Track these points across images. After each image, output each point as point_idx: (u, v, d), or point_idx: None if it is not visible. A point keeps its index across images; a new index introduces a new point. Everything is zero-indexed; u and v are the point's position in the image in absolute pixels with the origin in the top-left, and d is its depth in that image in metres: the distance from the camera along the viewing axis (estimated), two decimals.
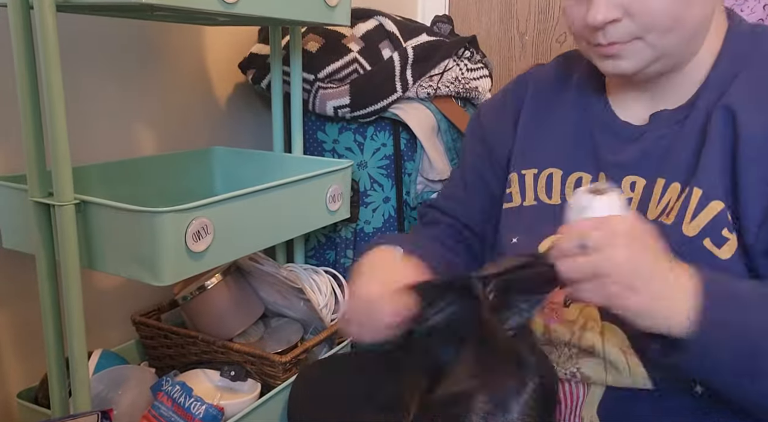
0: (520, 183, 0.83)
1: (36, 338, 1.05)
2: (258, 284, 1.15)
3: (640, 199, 0.74)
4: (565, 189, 0.80)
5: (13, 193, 0.85)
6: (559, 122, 0.82)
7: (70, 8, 0.87)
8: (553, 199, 0.80)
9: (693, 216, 0.66)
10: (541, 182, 0.81)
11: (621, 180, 0.75)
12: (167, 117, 1.26)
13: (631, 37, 0.69)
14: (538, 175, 0.82)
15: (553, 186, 0.80)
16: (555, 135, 0.82)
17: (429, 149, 1.26)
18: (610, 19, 0.68)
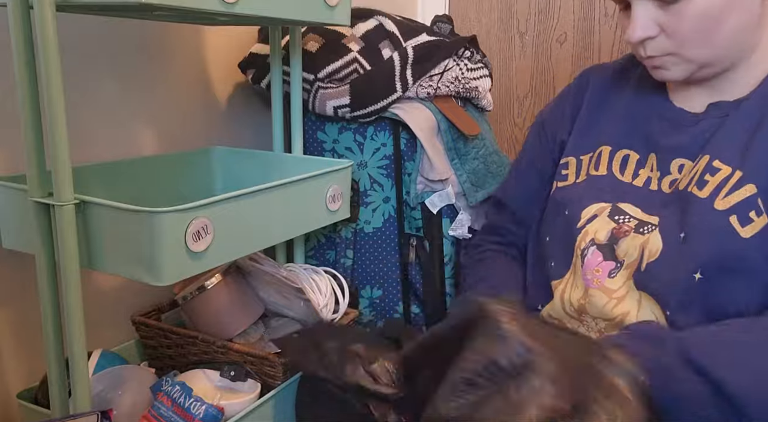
0: (578, 166, 0.87)
1: (36, 338, 1.05)
2: (258, 284, 1.15)
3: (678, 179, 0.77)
4: (612, 162, 0.83)
5: (13, 192, 0.85)
6: (617, 108, 0.86)
7: (70, 8, 0.87)
8: (599, 171, 0.84)
9: (727, 193, 0.70)
10: (593, 160, 0.86)
11: (670, 162, 0.78)
12: (167, 117, 1.26)
13: (665, 52, 0.74)
14: (593, 156, 0.86)
15: (602, 160, 0.84)
16: (611, 119, 0.86)
17: (429, 149, 1.26)
18: (646, 37, 0.73)
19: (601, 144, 0.86)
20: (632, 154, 0.82)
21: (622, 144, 0.84)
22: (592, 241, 0.80)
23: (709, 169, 0.73)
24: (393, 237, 1.31)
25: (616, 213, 0.80)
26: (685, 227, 0.73)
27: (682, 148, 0.78)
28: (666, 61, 0.75)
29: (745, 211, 0.69)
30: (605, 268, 0.78)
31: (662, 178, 0.79)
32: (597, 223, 0.80)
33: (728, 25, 0.70)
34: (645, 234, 0.76)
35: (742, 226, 0.68)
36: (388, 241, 1.31)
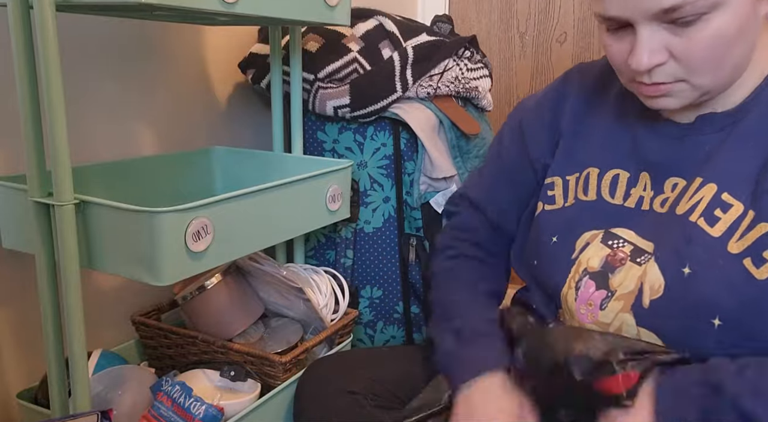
0: (564, 187, 0.84)
1: (36, 338, 1.05)
2: (258, 284, 1.15)
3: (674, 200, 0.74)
4: (601, 186, 0.80)
5: (13, 192, 0.85)
6: (602, 122, 0.83)
7: (70, 8, 0.87)
8: (589, 196, 0.81)
9: (741, 235, 0.67)
10: (580, 183, 0.82)
11: (664, 181, 0.75)
12: (167, 117, 1.26)
13: (675, 78, 0.69)
14: (579, 177, 0.83)
15: (590, 184, 0.81)
16: (597, 135, 0.82)
17: (430, 148, 1.26)
18: (655, 64, 0.67)
19: (587, 165, 0.82)
20: (622, 173, 0.79)
21: (610, 164, 0.80)
22: (585, 271, 0.77)
23: (719, 204, 0.69)
24: (393, 237, 1.31)
25: (609, 239, 0.77)
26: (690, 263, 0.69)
27: (675, 165, 0.74)
28: (673, 88, 0.69)
29: (759, 252, 0.65)
30: (597, 300, 0.76)
31: (655, 198, 0.76)
32: (590, 251, 0.77)
33: (738, 47, 0.67)
34: (642, 264, 0.73)
35: (758, 268, 0.65)
36: (388, 241, 1.31)
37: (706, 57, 0.66)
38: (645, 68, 0.67)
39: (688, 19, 0.64)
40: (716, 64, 0.67)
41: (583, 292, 0.77)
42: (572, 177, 0.83)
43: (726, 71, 0.68)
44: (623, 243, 0.76)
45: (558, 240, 0.81)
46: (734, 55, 0.67)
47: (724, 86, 0.71)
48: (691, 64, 0.67)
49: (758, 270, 0.65)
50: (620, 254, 0.75)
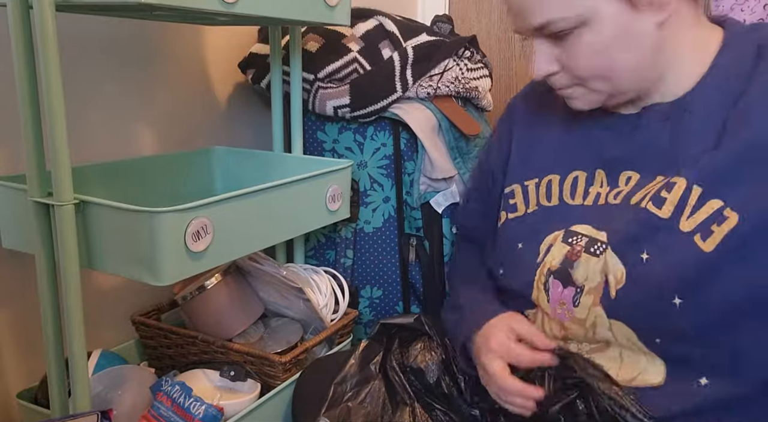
0: (524, 193, 0.85)
1: (35, 338, 1.05)
2: (258, 284, 1.15)
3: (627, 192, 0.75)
4: (563, 190, 0.81)
5: (13, 192, 0.85)
6: (555, 126, 0.84)
7: (70, 8, 0.87)
8: (552, 201, 0.82)
9: (691, 213, 0.68)
10: (542, 189, 0.83)
11: (618, 175, 0.76)
12: (167, 117, 1.26)
13: (571, 83, 0.73)
14: (539, 183, 0.84)
15: (552, 190, 0.82)
16: (549, 142, 0.84)
17: (430, 148, 1.26)
18: (549, 73, 0.73)
19: (547, 172, 0.83)
20: (580, 174, 0.80)
21: (569, 167, 0.82)
22: (549, 271, 0.78)
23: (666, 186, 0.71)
24: (393, 237, 1.31)
25: (569, 237, 0.78)
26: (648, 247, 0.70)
27: (627, 159, 0.76)
28: (573, 92, 0.75)
29: (707, 226, 0.67)
30: (568, 297, 0.76)
31: (610, 192, 0.77)
32: (553, 251, 0.78)
33: (622, 60, 0.69)
34: (599, 255, 0.74)
35: (704, 241, 0.67)
36: (388, 241, 1.31)
37: (587, 67, 0.70)
38: (540, 77, 0.74)
39: (560, 34, 0.68)
40: (601, 73, 0.70)
41: (553, 293, 0.78)
42: (531, 182, 0.84)
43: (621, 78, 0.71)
44: (581, 237, 0.77)
45: (523, 246, 0.82)
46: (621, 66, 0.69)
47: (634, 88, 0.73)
48: (576, 73, 0.72)
49: (704, 243, 0.66)
50: (576, 248, 0.76)
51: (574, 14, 0.66)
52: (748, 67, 0.69)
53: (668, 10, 0.67)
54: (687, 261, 0.66)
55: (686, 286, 0.67)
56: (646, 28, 0.68)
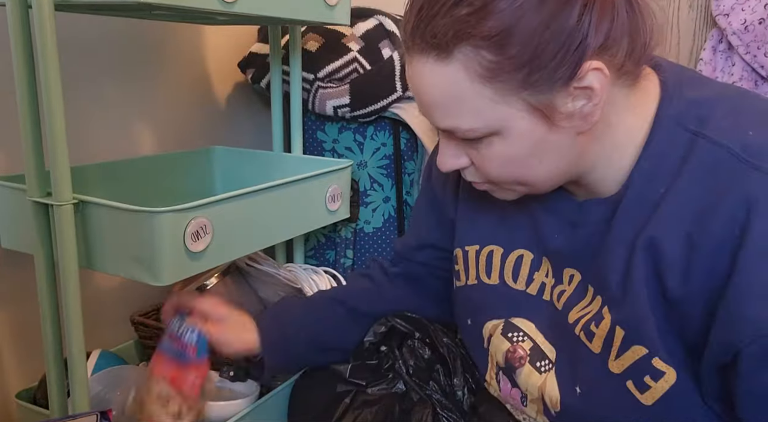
0: (464, 260, 0.79)
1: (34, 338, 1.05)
2: (257, 284, 1.14)
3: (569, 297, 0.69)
4: (504, 268, 0.75)
5: (12, 192, 0.85)
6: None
7: (69, 7, 0.87)
8: (491, 279, 0.76)
9: (617, 354, 0.62)
10: (482, 259, 0.77)
11: (562, 270, 0.70)
12: (166, 116, 1.26)
13: (483, 180, 0.66)
14: (480, 251, 0.77)
15: (493, 264, 0.76)
16: (496, 207, 0.76)
17: (431, 148, 1.25)
18: (455, 169, 0.65)
19: (489, 242, 0.76)
20: (526, 254, 0.73)
21: (514, 243, 0.74)
22: (498, 366, 0.74)
23: (595, 317, 0.64)
24: (393, 238, 1.31)
25: (509, 330, 0.73)
26: (580, 382, 0.65)
27: (570, 256, 0.68)
28: (489, 187, 0.67)
29: (639, 376, 0.60)
30: (516, 397, 0.73)
31: (555, 287, 0.71)
32: (494, 342, 0.74)
33: (537, 169, 0.61)
34: (542, 372, 0.69)
35: (641, 393, 0.60)
36: (388, 241, 1.31)
37: (500, 172, 0.62)
38: (444, 170, 0.65)
39: (470, 138, 0.60)
40: (515, 179, 0.63)
41: (503, 387, 0.75)
42: (471, 249, 0.78)
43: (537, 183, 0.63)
44: (523, 336, 0.72)
45: (471, 324, 0.78)
46: (537, 173, 0.61)
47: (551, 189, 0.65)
48: (489, 175, 0.63)
49: (642, 395, 0.60)
50: (519, 351, 0.72)
51: (482, 126, 0.58)
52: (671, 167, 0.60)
53: (592, 121, 0.58)
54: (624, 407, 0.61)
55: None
56: (563, 139, 0.59)
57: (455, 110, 0.58)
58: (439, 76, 0.57)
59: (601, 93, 0.56)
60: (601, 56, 0.56)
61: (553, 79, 0.55)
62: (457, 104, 0.58)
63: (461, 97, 0.57)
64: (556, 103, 0.57)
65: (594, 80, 0.55)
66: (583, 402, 0.65)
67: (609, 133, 0.62)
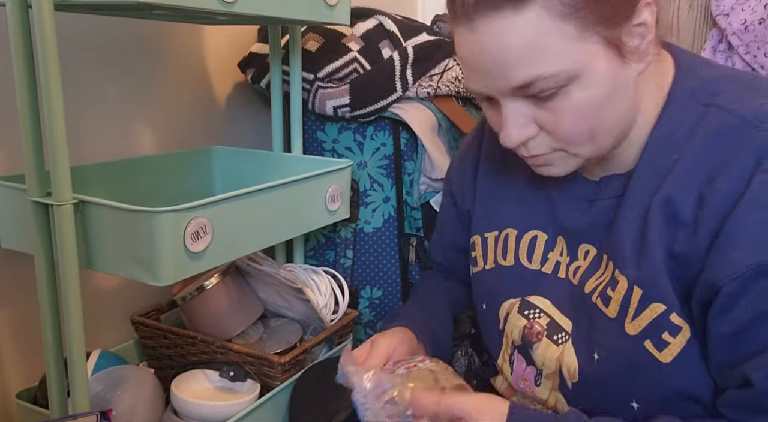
0: (483, 246, 0.81)
1: (34, 338, 1.05)
2: (257, 284, 1.15)
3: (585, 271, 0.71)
4: (519, 249, 0.77)
5: (12, 192, 0.85)
6: (517, 180, 0.78)
7: (69, 7, 0.87)
8: (507, 260, 0.77)
9: (634, 315, 0.63)
10: (499, 244, 0.79)
11: (577, 247, 0.72)
12: (166, 116, 1.26)
13: (551, 149, 0.65)
14: (498, 236, 0.79)
15: (508, 246, 0.77)
16: (512, 192, 0.78)
17: (430, 148, 1.25)
18: (524, 140, 0.64)
19: (506, 225, 0.78)
20: (540, 234, 0.75)
21: (528, 225, 0.76)
22: (513, 345, 0.75)
23: (611, 282, 0.66)
24: (393, 237, 1.31)
25: (525, 308, 0.74)
26: (598, 348, 0.67)
27: (586, 231, 0.70)
28: (552, 158, 0.66)
29: (657, 334, 0.62)
30: (530, 376, 0.74)
31: (570, 264, 0.72)
32: (511, 321, 0.75)
33: (610, 115, 0.62)
34: (559, 345, 0.71)
35: (659, 351, 0.62)
36: (388, 241, 1.31)
37: (575, 128, 0.61)
38: (514, 144, 0.64)
39: (546, 93, 0.59)
40: (588, 133, 0.62)
41: (517, 367, 0.76)
42: (491, 234, 0.80)
43: (603, 137, 0.63)
44: (539, 313, 0.73)
45: (486, 308, 0.80)
46: (607, 121, 0.62)
47: (606, 149, 0.66)
48: (562, 136, 0.62)
49: (660, 353, 0.62)
50: (537, 327, 0.73)
51: (566, 67, 0.58)
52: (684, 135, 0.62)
53: (647, 60, 0.62)
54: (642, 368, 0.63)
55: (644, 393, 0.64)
56: (629, 79, 0.62)
57: (538, 57, 0.58)
58: (519, 26, 0.56)
59: (653, 29, 0.60)
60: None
61: (620, 13, 0.58)
62: (540, 50, 0.57)
63: (545, 41, 0.57)
64: (623, 38, 0.60)
65: (648, 15, 0.59)
66: (602, 368, 0.66)
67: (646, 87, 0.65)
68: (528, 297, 0.75)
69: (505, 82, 0.60)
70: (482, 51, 0.59)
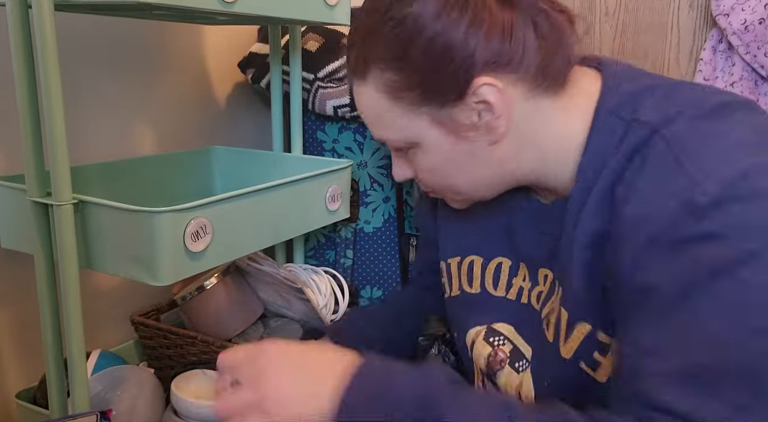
0: (447, 272, 0.81)
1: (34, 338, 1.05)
2: (257, 284, 1.15)
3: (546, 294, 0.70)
4: (485, 276, 0.77)
5: (12, 192, 0.85)
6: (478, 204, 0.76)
7: (69, 7, 0.87)
8: (473, 288, 0.78)
9: (566, 337, 0.63)
10: (463, 270, 0.79)
11: (537, 271, 0.72)
12: (166, 116, 1.26)
13: (431, 189, 0.71)
14: (461, 262, 0.80)
15: (474, 274, 0.78)
16: (474, 218, 0.78)
17: None
18: (405, 179, 0.70)
19: (469, 252, 0.78)
20: (504, 261, 0.75)
21: (492, 252, 0.76)
22: (481, 371, 0.75)
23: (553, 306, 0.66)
24: (393, 237, 1.31)
25: (490, 335, 0.74)
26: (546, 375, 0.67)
27: (543, 257, 0.70)
28: (438, 194, 0.72)
29: (589, 354, 0.61)
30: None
31: (532, 289, 0.72)
32: (477, 348, 0.75)
33: (460, 178, 0.66)
34: (519, 372, 0.71)
35: (594, 371, 0.62)
36: (388, 241, 1.31)
37: (432, 181, 0.68)
38: (397, 180, 0.71)
39: (402, 150, 0.67)
40: (443, 186, 0.68)
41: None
42: (453, 260, 0.80)
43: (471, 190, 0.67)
44: (503, 340, 0.73)
45: (457, 336, 0.80)
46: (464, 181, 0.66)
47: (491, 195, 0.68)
48: (424, 184, 0.70)
49: (596, 373, 0.62)
50: (500, 354, 0.73)
51: (401, 137, 0.64)
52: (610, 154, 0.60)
53: (499, 132, 0.61)
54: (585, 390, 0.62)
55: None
56: (476, 149, 0.63)
57: (379, 124, 0.65)
58: (364, 95, 0.64)
59: (500, 106, 0.59)
60: (496, 72, 0.59)
61: (447, 94, 0.60)
62: (379, 119, 0.65)
63: (379, 113, 0.64)
64: (457, 117, 0.61)
65: (488, 94, 0.59)
66: (552, 393, 0.66)
67: (539, 138, 0.64)
68: (493, 325, 0.75)
69: (371, 133, 0.68)
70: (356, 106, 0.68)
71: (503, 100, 0.59)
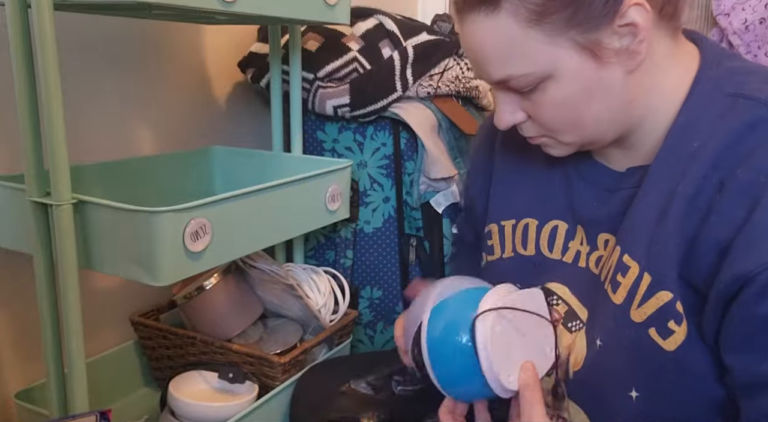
0: (500, 234, 0.81)
1: (34, 338, 1.05)
2: (257, 284, 1.14)
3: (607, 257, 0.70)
4: (540, 239, 0.77)
5: (11, 192, 0.85)
6: (535, 166, 0.79)
7: (68, 7, 0.87)
8: (528, 250, 0.78)
9: (640, 302, 0.63)
10: (518, 233, 0.79)
11: (596, 236, 0.72)
12: (165, 116, 1.26)
13: (539, 134, 0.69)
14: (516, 225, 0.79)
15: (529, 236, 0.78)
16: (531, 181, 0.79)
17: (430, 148, 1.25)
18: (513, 124, 0.68)
19: (525, 215, 0.78)
20: (561, 224, 0.75)
21: (548, 215, 0.76)
22: None
23: (621, 267, 0.65)
24: (393, 238, 1.31)
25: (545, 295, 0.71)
26: (600, 334, 0.66)
27: (605, 221, 0.70)
28: (544, 141, 0.70)
29: (662, 322, 0.61)
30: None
31: (590, 254, 0.72)
32: None
33: (590, 112, 0.64)
34: (572, 332, 0.71)
35: (664, 339, 0.61)
36: (388, 241, 1.31)
37: (554, 119, 0.65)
38: (502, 127, 0.69)
39: (524, 88, 0.64)
40: (569, 125, 0.65)
41: None
42: (508, 223, 0.80)
43: (588, 130, 0.66)
44: (557, 300, 0.73)
45: None
46: (588, 117, 0.64)
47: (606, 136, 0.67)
48: (544, 124, 0.67)
49: (665, 341, 0.62)
50: (555, 314, 0.73)
51: (535, 70, 0.61)
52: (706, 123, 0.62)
53: (638, 58, 0.61)
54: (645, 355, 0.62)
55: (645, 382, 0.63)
56: (614, 78, 0.62)
57: (508, 59, 0.61)
58: (490, 29, 0.60)
59: (645, 28, 0.59)
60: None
61: (598, 16, 0.58)
62: (510, 52, 0.61)
63: (513, 45, 0.60)
64: (602, 41, 0.60)
65: (636, 15, 0.58)
66: (603, 354, 0.66)
67: (657, 80, 0.64)
68: (548, 284, 0.76)
69: (487, 75, 0.65)
70: (466, 46, 0.65)
71: (647, 22, 0.60)
